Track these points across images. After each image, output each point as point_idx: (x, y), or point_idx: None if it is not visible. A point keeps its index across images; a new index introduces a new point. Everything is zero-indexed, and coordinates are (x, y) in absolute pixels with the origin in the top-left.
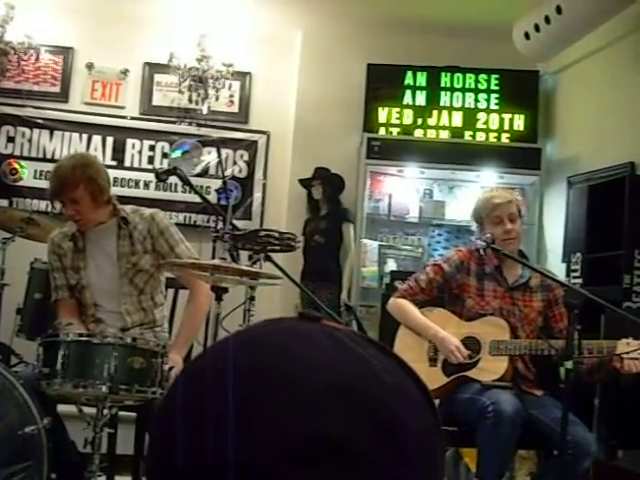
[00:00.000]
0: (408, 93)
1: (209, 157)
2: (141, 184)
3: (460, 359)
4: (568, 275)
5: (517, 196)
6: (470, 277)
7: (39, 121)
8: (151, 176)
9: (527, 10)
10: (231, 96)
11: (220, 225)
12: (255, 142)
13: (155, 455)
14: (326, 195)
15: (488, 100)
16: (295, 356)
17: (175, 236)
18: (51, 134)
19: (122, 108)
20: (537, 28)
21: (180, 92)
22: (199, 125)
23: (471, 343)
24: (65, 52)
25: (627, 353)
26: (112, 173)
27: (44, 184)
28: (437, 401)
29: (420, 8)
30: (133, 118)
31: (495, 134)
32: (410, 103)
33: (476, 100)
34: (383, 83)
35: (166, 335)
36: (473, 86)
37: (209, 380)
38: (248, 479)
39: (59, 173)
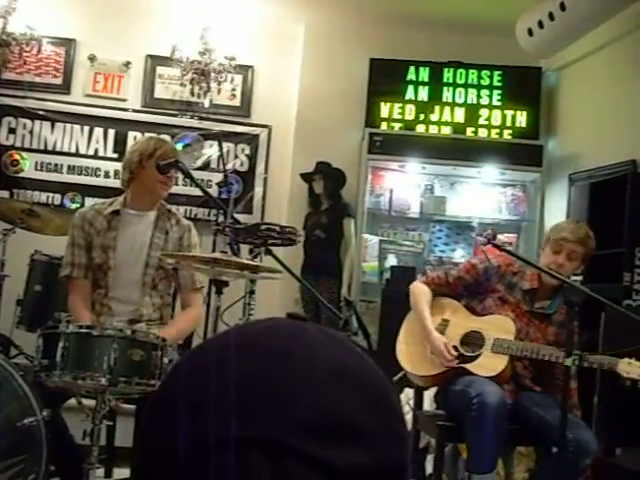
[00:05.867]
0: (410, 88)
1: (210, 150)
2: None
3: (445, 360)
4: None
5: (593, 244)
6: (500, 284)
7: (41, 113)
8: None
9: (531, 6)
10: (233, 90)
11: (221, 218)
12: (257, 136)
13: (153, 438)
14: (327, 190)
15: (490, 96)
16: (301, 343)
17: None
18: (52, 126)
19: (124, 100)
20: (540, 24)
21: (182, 85)
22: (201, 118)
23: (475, 337)
24: (67, 44)
25: (627, 373)
26: (113, 166)
27: (45, 176)
28: (434, 389)
29: (423, 3)
30: (135, 111)
31: (497, 130)
32: (412, 98)
33: (478, 96)
34: (385, 78)
35: None
36: (476, 82)
37: (212, 363)
38: (253, 452)
39: (170, 142)
